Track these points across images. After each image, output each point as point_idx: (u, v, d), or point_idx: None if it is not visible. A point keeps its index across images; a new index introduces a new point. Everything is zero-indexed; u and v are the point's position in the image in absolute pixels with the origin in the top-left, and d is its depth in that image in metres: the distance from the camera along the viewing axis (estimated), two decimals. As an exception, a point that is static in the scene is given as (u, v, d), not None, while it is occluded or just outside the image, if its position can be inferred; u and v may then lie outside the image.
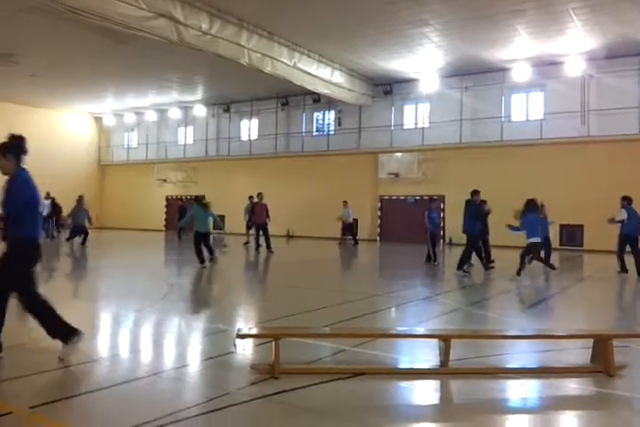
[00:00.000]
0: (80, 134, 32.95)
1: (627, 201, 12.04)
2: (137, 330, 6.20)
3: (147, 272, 11.52)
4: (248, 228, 19.11)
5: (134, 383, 4.06)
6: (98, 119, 33.76)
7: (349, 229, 20.99)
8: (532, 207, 11.45)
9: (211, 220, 12.58)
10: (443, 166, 22.43)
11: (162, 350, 5.34)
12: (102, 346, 5.39)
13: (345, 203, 21.07)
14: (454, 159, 22.14)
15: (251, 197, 18.73)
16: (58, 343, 4.56)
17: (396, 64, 20.97)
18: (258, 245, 17.07)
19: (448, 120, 22.36)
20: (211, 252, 12.48)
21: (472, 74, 21.53)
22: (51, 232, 21.05)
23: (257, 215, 17.12)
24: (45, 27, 16.93)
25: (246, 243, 19.25)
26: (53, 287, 9.70)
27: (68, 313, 4.86)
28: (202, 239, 12.24)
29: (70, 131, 32.28)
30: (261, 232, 16.83)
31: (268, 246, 16.29)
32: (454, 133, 22.18)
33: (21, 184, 4.53)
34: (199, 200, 12.70)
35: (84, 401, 3.69)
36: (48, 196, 20.98)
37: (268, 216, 17.10)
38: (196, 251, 12.04)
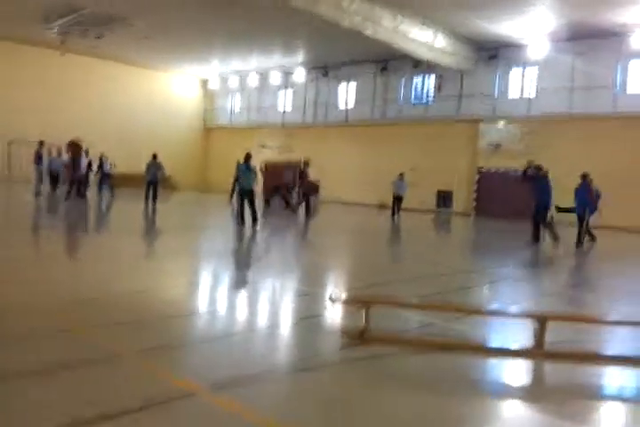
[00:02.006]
0: (187, 97, 34.12)
1: None
2: (233, 288, 6.49)
3: (238, 233, 11.91)
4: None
5: (231, 338, 4.29)
6: (204, 82, 34.74)
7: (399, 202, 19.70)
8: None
9: (254, 177, 12.71)
10: (550, 138, 21.16)
11: (256, 308, 5.58)
12: (202, 301, 5.72)
13: (401, 175, 19.73)
14: (562, 130, 20.79)
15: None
16: (171, 293, 4.88)
17: (504, 27, 19.79)
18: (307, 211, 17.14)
19: (558, 88, 20.93)
20: (254, 215, 12.42)
21: (586, 39, 19.86)
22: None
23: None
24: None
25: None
26: (161, 243, 10.35)
27: (171, 268, 5.17)
28: (245, 196, 12.46)
29: (177, 93, 33.52)
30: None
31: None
32: (563, 103, 20.75)
33: None
34: (246, 158, 12.82)
35: (185, 350, 3.96)
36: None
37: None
38: (238, 209, 12.33)
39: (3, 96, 25.34)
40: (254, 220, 12.28)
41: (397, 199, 18.44)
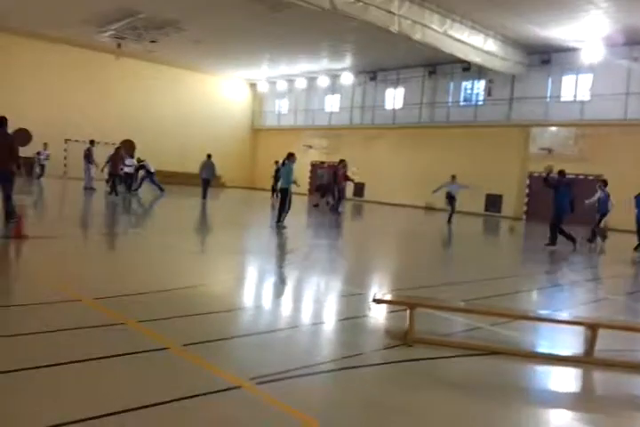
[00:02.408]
0: (236, 99, 34.87)
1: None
2: (278, 285, 6.56)
3: (289, 232, 12.01)
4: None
5: (276, 333, 4.34)
6: (253, 85, 35.41)
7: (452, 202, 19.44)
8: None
9: (291, 177, 12.58)
10: (603, 144, 20.50)
11: (301, 305, 5.62)
12: (247, 297, 5.81)
13: (453, 177, 19.16)
14: (617, 136, 20.12)
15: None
16: (218, 290, 4.97)
17: (556, 31, 19.31)
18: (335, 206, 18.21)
19: (612, 93, 20.29)
20: (280, 213, 12.34)
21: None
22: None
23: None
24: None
25: (315, 205, 20.08)
26: (213, 240, 10.55)
27: (218, 264, 5.26)
28: (280, 194, 12.49)
29: (227, 96, 34.27)
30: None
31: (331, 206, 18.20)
32: (619, 108, 20.10)
33: None
34: (288, 157, 12.64)
35: (230, 345, 4.02)
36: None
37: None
38: (281, 207, 12.26)
39: (60, 97, 26.36)
40: (279, 219, 12.26)
41: (451, 200, 17.90)
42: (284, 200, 12.38)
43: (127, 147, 19.40)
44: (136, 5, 20.13)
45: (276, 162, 20.96)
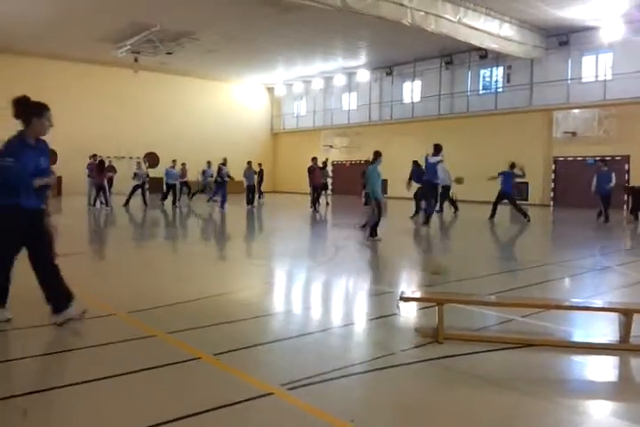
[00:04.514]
0: (254, 104, 35.15)
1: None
2: (308, 288, 6.60)
3: (317, 235, 12.05)
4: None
5: (306, 338, 4.36)
6: (270, 89, 35.62)
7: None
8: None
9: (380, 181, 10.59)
10: (628, 123, 20.02)
11: (330, 307, 5.64)
12: (278, 302, 5.86)
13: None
14: (642, 115, 19.65)
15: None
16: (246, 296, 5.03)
17: (573, 11, 18.93)
18: (315, 206, 18.34)
19: (635, 71, 19.78)
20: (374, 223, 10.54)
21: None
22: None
23: (316, 178, 18.93)
24: (221, 3, 18.11)
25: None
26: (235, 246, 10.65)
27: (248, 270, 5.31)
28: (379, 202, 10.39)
29: (245, 101, 34.54)
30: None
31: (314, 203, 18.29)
32: (641, 86, 19.61)
33: None
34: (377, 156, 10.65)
35: (260, 351, 4.05)
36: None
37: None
38: (373, 224, 10.43)
39: (82, 114, 26.90)
40: (372, 232, 10.42)
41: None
42: (375, 210, 10.42)
43: (151, 159, 19.74)
44: (149, 19, 20.43)
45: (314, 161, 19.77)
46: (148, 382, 3.41)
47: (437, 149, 13.60)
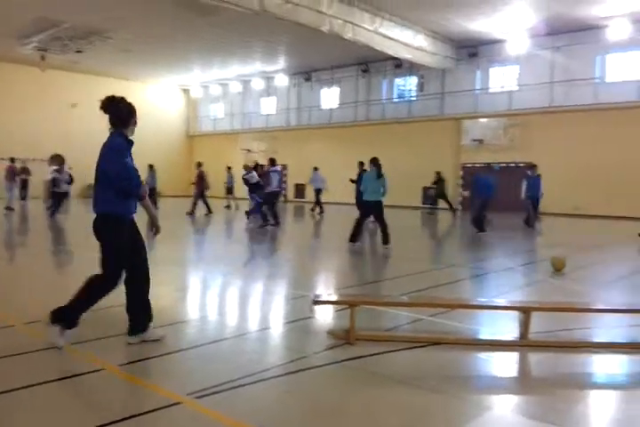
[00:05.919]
0: (169, 106, 34.33)
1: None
2: (222, 293, 6.49)
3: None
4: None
5: (219, 344, 4.28)
6: (186, 91, 34.91)
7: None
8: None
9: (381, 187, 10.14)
10: (531, 132, 21.35)
11: (245, 313, 5.58)
12: (191, 308, 5.72)
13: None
14: (544, 124, 20.99)
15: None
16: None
17: (482, 24, 19.97)
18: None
19: (538, 83, 21.14)
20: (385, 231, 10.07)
21: (564, 33, 20.12)
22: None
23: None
24: (136, 2, 17.56)
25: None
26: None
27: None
28: (375, 211, 10.13)
29: (160, 103, 33.61)
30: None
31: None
32: (544, 97, 20.99)
33: None
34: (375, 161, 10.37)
35: (170, 360, 3.92)
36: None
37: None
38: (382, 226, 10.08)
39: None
40: (385, 240, 10.12)
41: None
42: (380, 217, 10.09)
43: (57, 161, 18.48)
44: (59, 15, 19.44)
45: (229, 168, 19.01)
46: (49, 395, 3.22)
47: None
